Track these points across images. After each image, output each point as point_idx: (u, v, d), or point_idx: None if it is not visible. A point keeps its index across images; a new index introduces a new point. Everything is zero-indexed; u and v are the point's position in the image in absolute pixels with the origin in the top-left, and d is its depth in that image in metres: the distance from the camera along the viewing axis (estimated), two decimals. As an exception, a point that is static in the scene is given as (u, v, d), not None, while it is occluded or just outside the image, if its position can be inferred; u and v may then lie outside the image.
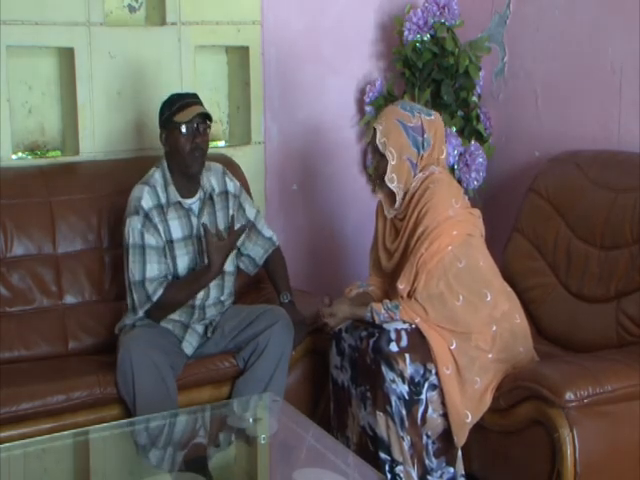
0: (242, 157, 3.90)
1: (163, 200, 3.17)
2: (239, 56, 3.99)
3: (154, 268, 3.11)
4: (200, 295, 3.21)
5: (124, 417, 2.99)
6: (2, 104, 3.48)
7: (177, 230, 3.18)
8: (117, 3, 3.78)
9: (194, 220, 3.21)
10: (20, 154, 3.69)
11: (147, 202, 3.14)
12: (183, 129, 3.10)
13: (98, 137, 3.66)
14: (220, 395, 3.19)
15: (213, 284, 3.22)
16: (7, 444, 2.70)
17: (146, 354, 2.97)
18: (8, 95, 3.51)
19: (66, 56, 3.63)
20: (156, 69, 3.74)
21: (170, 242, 3.18)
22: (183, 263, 3.19)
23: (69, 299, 3.40)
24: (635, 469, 2.76)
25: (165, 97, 3.21)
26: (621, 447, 2.74)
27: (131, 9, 3.81)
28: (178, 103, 3.14)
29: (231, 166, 3.67)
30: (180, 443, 2.90)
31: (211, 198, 3.25)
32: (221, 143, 4.12)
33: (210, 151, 3.99)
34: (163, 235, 3.16)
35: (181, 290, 3.13)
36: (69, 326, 3.36)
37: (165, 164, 3.20)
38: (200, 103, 3.18)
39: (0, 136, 3.47)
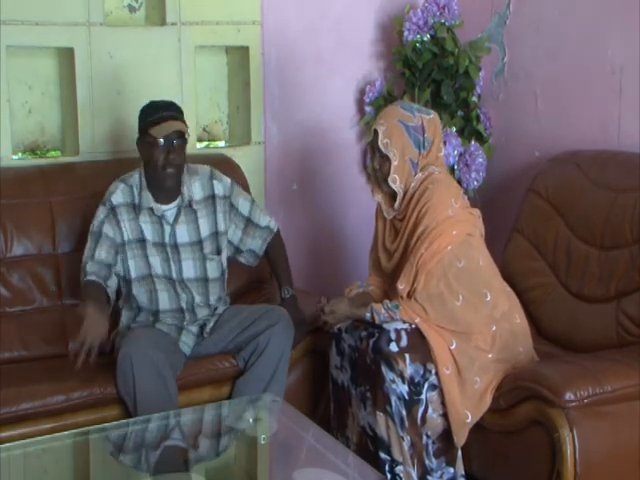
0: (242, 157, 3.90)
1: (137, 201, 3.18)
2: (239, 56, 3.99)
3: (102, 254, 3.13)
4: (184, 299, 3.21)
5: (124, 417, 2.99)
6: (2, 104, 3.48)
7: (149, 233, 3.18)
8: (117, 3, 3.78)
9: (167, 228, 3.19)
10: (20, 154, 3.69)
11: (117, 198, 3.17)
12: (157, 144, 3.08)
13: (98, 137, 3.66)
14: (220, 395, 3.19)
15: (196, 290, 3.22)
16: (7, 444, 2.70)
17: (146, 354, 2.97)
18: (8, 95, 3.51)
19: (66, 56, 3.63)
20: (156, 69, 3.74)
21: (142, 241, 3.18)
22: (157, 265, 3.19)
23: (69, 299, 3.40)
24: (635, 469, 2.75)
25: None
26: (621, 447, 2.74)
27: (131, 9, 3.81)
28: (155, 115, 3.09)
29: (231, 166, 3.67)
30: (180, 443, 2.90)
31: (190, 205, 3.21)
32: (221, 143, 4.12)
33: (210, 151, 4.02)
34: (131, 232, 3.17)
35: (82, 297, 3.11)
36: (69, 326, 3.35)
37: (143, 169, 3.20)
38: (177, 117, 3.12)
39: (0, 136, 3.47)
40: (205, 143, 4.06)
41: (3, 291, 3.30)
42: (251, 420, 2.87)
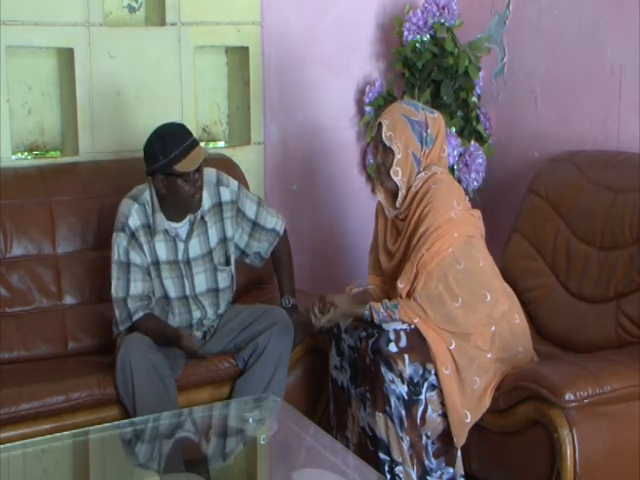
0: (242, 157, 3.89)
1: (151, 222, 3.12)
2: (239, 56, 3.99)
3: (138, 286, 3.10)
4: (196, 316, 3.21)
5: (124, 418, 2.99)
6: (2, 104, 3.48)
7: (163, 253, 3.15)
8: (117, 3, 3.78)
9: (180, 245, 3.16)
10: (20, 154, 3.69)
11: (134, 221, 3.10)
12: (186, 177, 3.01)
13: (98, 137, 3.66)
14: (220, 395, 3.19)
15: (207, 303, 3.21)
16: (7, 444, 2.70)
17: (145, 355, 2.97)
18: (8, 95, 3.51)
19: (66, 56, 3.63)
20: (156, 69, 3.74)
21: (156, 263, 3.15)
22: (171, 286, 3.17)
23: (69, 300, 3.40)
24: (635, 469, 2.75)
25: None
26: (621, 447, 2.74)
27: (131, 9, 3.81)
28: (176, 149, 2.98)
29: (231, 166, 3.66)
30: (180, 444, 2.90)
31: (202, 218, 3.18)
32: (221, 143, 4.12)
33: (210, 151, 4.00)
34: (149, 255, 3.13)
35: (152, 332, 3.07)
36: (69, 327, 3.36)
37: (155, 191, 3.11)
38: (197, 142, 3.05)
39: (0, 136, 3.47)
40: (204, 143, 4.06)
41: (3, 291, 3.30)
42: (251, 420, 2.87)
